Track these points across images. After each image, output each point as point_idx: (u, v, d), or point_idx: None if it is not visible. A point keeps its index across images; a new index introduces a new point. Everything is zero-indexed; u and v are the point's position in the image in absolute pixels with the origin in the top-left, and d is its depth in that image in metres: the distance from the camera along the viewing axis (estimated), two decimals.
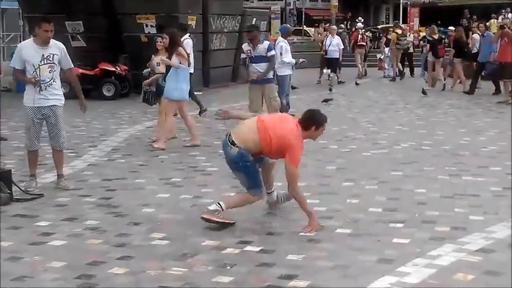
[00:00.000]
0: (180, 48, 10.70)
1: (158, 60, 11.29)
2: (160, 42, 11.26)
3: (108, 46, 19.23)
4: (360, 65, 25.04)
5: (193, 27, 20.00)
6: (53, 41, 7.98)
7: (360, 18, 32.58)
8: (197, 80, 20.37)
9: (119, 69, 18.15)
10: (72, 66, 8.22)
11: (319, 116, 6.56)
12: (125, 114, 15.08)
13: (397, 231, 6.30)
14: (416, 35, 26.40)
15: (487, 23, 28.97)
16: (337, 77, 22.16)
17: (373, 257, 5.55)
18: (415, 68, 25.24)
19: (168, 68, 10.80)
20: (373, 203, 7.27)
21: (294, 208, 7.12)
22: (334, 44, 21.69)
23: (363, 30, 26.81)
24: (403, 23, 37.76)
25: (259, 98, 12.11)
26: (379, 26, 43.43)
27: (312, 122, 6.45)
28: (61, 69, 8.07)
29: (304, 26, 44.53)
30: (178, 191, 7.95)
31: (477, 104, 16.61)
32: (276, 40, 15.16)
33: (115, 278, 5.16)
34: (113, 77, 18.25)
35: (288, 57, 13.77)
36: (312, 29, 39.76)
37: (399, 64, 24.63)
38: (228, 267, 5.36)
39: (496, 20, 30.52)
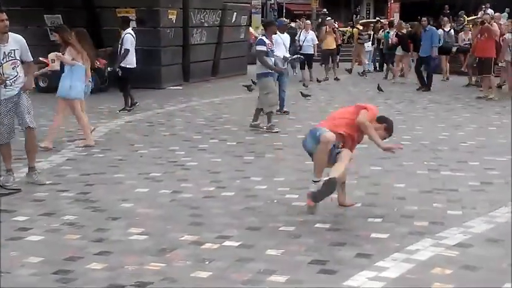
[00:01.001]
0: (73, 44, 10.36)
1: (53, 57, 10.79)
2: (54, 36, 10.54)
3: None
4: None
5: (174, 21, 19.97)
6: (11, 36, 7.79)
7: (324, 10, 33.11)
8: (177, 75, 20.41)
9: (98, 63, 18.01)
10: (31, 59, 8.03)
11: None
12: (105, 108, 14.99)
13: (376, 226, 6.32)
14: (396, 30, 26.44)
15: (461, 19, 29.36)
16: (310, 74, 21.74)
17: (352, 252, 5.56)
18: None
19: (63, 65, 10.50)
20: (352, 197, 7.27)
21: (273, 203, 7.13)
22: (309, 40, 21.48)
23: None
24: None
25: (277, 90, 12.49)
26: (360, 21, 43.52)
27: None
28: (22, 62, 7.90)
29: None
30: (158, 186, 7.92)
31: (456, 100, 16.70)
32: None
33: (93, 274, 5.12)
34: (93, 71, 18.09)
35: (279, 51, 13.68)
36: (293, 24, 39.75)
37: (363, 58, 25.04)
38: (207, 262, 5.35)
39: (465, 17, 30.71)
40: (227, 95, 17.82)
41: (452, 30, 22.41)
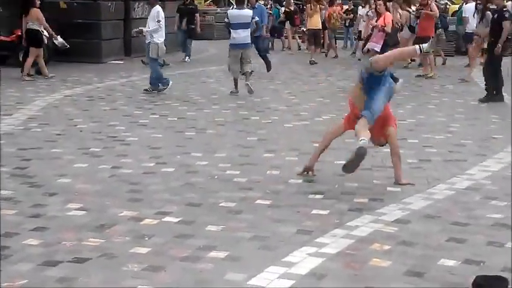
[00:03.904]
0: None
1: None
2: None
3: None
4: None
5: None
6: None
7: None
8: (118, 49, 20.10)
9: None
10: None
11: None
12: (43, 82, 14.68)
13: (317, 202, 6.35)
14: (339, 8, 26.31)
15: None
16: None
17: (293, 228, 5.58)
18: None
19: None
20: (293, 174, 7.30)
21: (213, 179, 7.10)
22: None
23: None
24: None
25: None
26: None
27: None
28: None
29: None
30: (97, 161, 7.80)
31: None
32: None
33: (29, 249, 5.03)
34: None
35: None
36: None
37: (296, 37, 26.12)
38: (146, 238, 5.30)
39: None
40: (168, 70, 17.64)
41: None
